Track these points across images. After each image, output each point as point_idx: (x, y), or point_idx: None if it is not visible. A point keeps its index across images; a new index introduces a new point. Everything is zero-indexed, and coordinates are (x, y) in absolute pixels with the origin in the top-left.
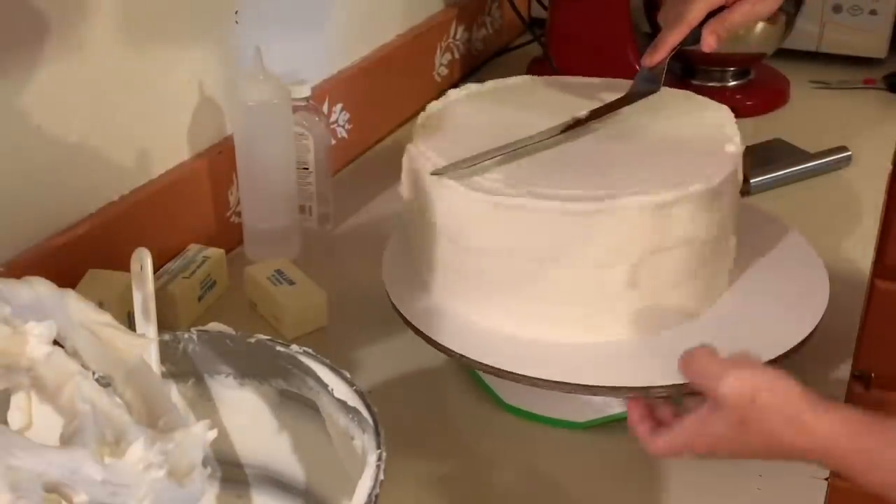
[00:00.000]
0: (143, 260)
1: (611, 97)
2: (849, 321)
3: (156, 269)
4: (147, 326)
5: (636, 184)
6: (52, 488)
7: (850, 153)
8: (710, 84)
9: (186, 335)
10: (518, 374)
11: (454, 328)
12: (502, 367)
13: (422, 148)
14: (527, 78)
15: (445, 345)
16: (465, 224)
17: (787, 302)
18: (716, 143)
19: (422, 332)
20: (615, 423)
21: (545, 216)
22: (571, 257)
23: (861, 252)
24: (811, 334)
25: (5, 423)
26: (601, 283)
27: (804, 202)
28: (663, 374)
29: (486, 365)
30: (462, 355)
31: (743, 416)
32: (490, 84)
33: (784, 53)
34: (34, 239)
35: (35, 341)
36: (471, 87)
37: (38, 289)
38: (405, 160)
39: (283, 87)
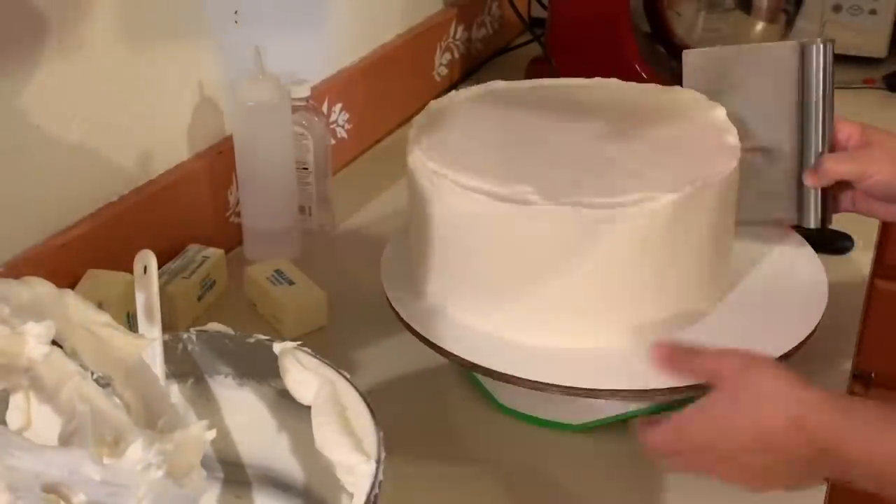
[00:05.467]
0: (148, 262)
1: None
2: (849, 321)
3: None
4: (151, 328)
5: (640, 186)
6: (50, 489)
7: None
8: None
9: (186, 335)
10: (515, 377)
11: (452, 330)
12: (499, 370)
13: (419, 147)
14: (527, 81)
15: (442, 346)
16: (461, 225)
17: (786, 302)
18: (714, 138)
19: (419, 334)
20: (612, 425)
21: (545, 220)
22: (572, 263)
23: (861, 252)
24: (810, 336)
25: (4, 423)
26: (604, 289)
27: None
28: (661, 376)
29: (484, 367)
30: (459, 357)
31: (734, 387)
32: (490, 85)
33: None
34: (34, 239)
35: (34, 341)
36: (471, 89)
37: (38, 289)
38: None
39: (283, 87)
